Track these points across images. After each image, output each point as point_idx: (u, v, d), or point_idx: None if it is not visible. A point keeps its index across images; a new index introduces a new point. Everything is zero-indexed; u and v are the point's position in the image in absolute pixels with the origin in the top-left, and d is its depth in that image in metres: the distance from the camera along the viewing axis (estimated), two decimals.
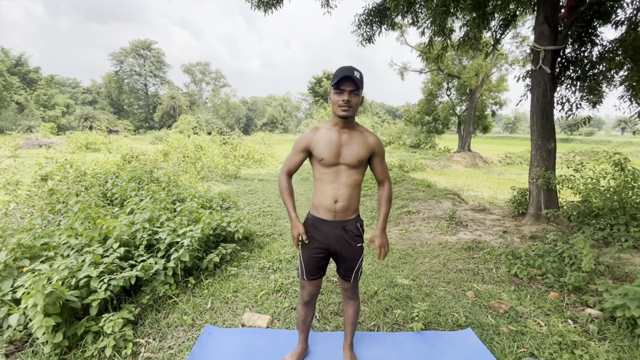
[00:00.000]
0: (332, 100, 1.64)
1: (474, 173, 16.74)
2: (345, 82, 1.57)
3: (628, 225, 3.91)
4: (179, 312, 2.55)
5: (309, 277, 1.86)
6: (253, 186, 8.67)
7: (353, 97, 1.59)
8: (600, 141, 55.00)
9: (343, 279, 1.90)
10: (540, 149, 5.05)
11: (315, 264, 1.82)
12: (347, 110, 1.60)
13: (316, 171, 1.77)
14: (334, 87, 1.61)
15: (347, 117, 1.64)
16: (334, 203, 1.72)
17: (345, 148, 1.68)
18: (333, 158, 1.68)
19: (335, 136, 1.69)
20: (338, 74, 1.57)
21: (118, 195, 4.73)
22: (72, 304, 2.08)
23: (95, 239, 2.78)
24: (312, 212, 1.82)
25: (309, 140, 1.73)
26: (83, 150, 16.89)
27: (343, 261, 1.83)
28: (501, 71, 23.08)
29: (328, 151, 1.67)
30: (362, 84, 1.62)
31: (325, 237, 1.76)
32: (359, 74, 1.58)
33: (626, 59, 4.98)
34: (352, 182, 1.72)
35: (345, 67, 1.58)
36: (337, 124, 1.70)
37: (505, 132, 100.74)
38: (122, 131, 41.37)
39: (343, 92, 1.58)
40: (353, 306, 1.97)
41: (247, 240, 4.18)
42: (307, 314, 1.99)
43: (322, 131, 1.73)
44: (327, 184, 1.72)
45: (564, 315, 2.62)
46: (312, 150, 1.72)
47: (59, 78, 53.91)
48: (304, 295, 1.93)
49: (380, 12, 6.34)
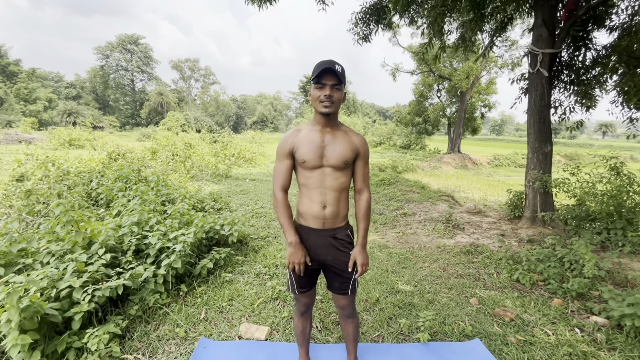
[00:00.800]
0: (313, 96, 1.50)
1: (464, 174, 16.91)
2: (326, 75, 1.44)
3: (625, 230, 3.92)
4: (170, 324, 2.38)
5: (300, 290, 1.72)
6: (245, 186, 8.46)
7: (335, 92, 1.46)
8: (582, 144, 56.67)
9: (339, 293, 1.69)
10: (537, 152, 5.05)
11: (305, 277, 1.67)
12: (329, 106, 1.47)
13: (300, 175, 1.61)
14: (314, 82, 1.47)
15: (329, 114, 1.50)
16: (322, 209, 1.57)
17: (328, 149, 1.54)
18: (316, 160, 1.53)
19: (318, 136, 1.55)
20: (318, 67, 1.44)
21: (104, 195, 4.49)
22: (51, 317, 1.89)
23: (79, 244, 2.57)
24: (299, 221, 1.66)
25: (291, 143, 1.57)
26: (66, 146, 16.27)
27: (336, 273, 1.66)
28: (490, 74, 23.44)
29: (311, 153, 1.52)
30: (345, 78, 1.48)
31: (315, 247, 1.61)
32: (340, 68, 1.44)
33: (620, 64, 5.02)
34: (338, 185, 1.58)
35: (325, 61, 1.44)
36: (319, 123, 1.56)
37: (492, 134, 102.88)
38: (107, 127, 40.29)
39: (324, 87, 1.45)
40: (352, 324, 1.81)
41: (241, 243, 4.02)
42: (305, 325, 1.87)
43: (304, 132, 1.58)
44: (313, 189, 1.57)
45: (570, 323, 2.56)
46: (295, 152, 1.56)
47: (41, 71, 52.06)
48: (299, 306, 1.81)
49: (377, 11, 6.24)
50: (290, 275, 1.71)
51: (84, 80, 56.23)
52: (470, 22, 6.07)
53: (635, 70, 4.86)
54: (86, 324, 2.11)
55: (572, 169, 4.83)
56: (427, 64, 21.88)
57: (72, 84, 55.60)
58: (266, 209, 6.09)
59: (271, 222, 5.28)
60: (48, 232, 2.78)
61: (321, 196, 1.57)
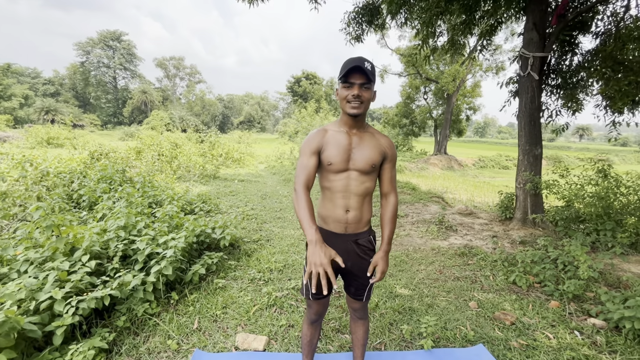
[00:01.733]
0: (340, 96, 1.42)
1: (451, 176, 17.18)
2: (354, 73, 1.34)
3: (614, 231, 4.00)
4: (161, 335, 2.23)
5: (315, 297, 1.62)
6: (234, 187, 8.27)
7: (364, 92, 1.37)
8: (561, 147, 58.75)
9: (354, 298, 1.67)
10: (527, 154, 5.11)
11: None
12: (357, 107, 1.38)
13: (323, 178, 1.54)
14: (341, 81, 1.38)
15: (358, 115, 1.41)
16: (345, 213, 1.51)
17: (355, 152, 1.46)
18: (343, 163, 1.46)
19: (345, 138, 1.47)
20: (346, 65, 1.34)
21: (86, 197, 4.26)
22: (30, 333, 1.73)
23: (60, 251, 2.39)
24: (320, 224, 1.59)
25: (319, 141, 1.48)
26: (44, 145, 15.58)
27: (354, 279, 1.61)
28: (475, 78, 23.96)
29: (338, 155, 1.45)
30: (375, 77, 1.38)
31: (336, 251, 1.54)
32: (370, 65, 1.34)
33: (606, 69, 5.15)
34: (363, 190, 1.51)
35: (354, 58, 1.35)
36: (346, 124, 1.48)
37: (476, 136, 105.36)
38: (88, 126, 38.97)
39: (352, 86, 1.36)
40: (363, 326, 1.76)
41: (233, 247, 3.88)
42: (314, 334, 1.79)
43: (331, 133, 1.49)
44: (337, 193, 1.50)
45: (569, 326, 2.56)
46: (322, 152, 1.48)
47: (17, 67, 49.81)
48: (310, 314, 1.72)
49: (370, 12, 6.21)
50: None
51: (63, 77, 54.22)
52: (461, 24, 6.12)
53: (619, 76, 5.00)
54: (69, 338, 1.94)
55: (561, 171, 4.91)
56: (414, 67, 22.15)
57: (51, 80, 53.48)
58: (257, 210, 5.95)
59: (263, 224, 5.15)
60: (26, 238, 2.58)
61: (344, 200, 1.50)
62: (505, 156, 27.24)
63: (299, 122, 21.47)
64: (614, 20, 5.28)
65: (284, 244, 4.20)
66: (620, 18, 5.14)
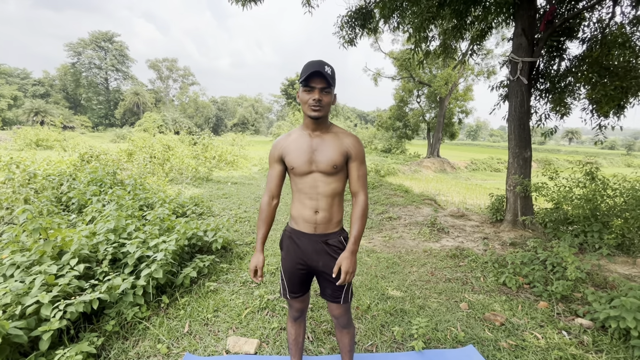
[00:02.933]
0: (301, 99, 1.44)
1: (443, 178, 17.33)
2: (314, 78, 1.38)
3: (601, 233, 4.08)
4: (151, 339, 2.21)
5: (292, 295, 1.66)
6: (227, 189, 8.23)
7: (324, 96, 1.41)
8: (551, 150, 59.77)
9: (332, 301, 1.60)
10: (517, 157, 5.20)
11: (297, 281, 1.63)
12: (318, 110, 1.41)
13: (292, 181, 1.58)
14: (302, 85, 1.41)
15: (319, 118, 1.44)
16: (314, 214, 1.52)
17: (317, 153, 1.48)
18: (305, 165, 1.48)
19: (307, 141, 1.50)
20: (306, 69, 1.37)
21: (75, 200, 4.20)
22: (15, 338, 1.69)
23: (48, 254, 2.35)
24: (291, 224, 1.62)
25: (280, 148, 1.54)
26: (33, 147, 15.31)
27: (329, 279, 1.58)
28: (467, 81, 24.27)
29: (299, 158, 1.48)
30: (334, 81, 1.43)
31: (305, 252, 1.56)
32: (330, 69, 1.39)
33: (593, 74, 5.27)
34: (330, 191, 1.51)
35: (314, 62, 1.39)
36: (308, 127, 1.51)
37: (468, 139, 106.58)
38: (78, 128, 38.46)
39: (313, 90, 1.39)
40: (348, 334, 1.73)
41: (225, 250, 3.86)
42: (298, 332, 1.80)
43: (293, 137, 1.54)
44: (305, 194, 1.52)
45: (557, 326, 2.60)
46: (284, 158, 1.53)
47: (5, 67, 48.97)
48: (292, 312, 1.75)
49: (363, 15, 6.26)
50: (282, 280, 1.68)
51: (53, 78, 53.42)
52: (452, 29, 6.21)
53: (606, 80, 5.12)
54: (56, 343, 1.91)
55: (550, 174, 5.00)
56: (407, 70, 22.37)
57: (40, 81, 52.62)
58: (250, 213, 5.92)
59: (255, 227, 5.13)
60: (12, 241, 2.53)
61: (313, 201, 1.52)
62: (497, 159, 27.58)
63: (293, 125, 21.47)
64: (599, 26, 5.42)
65: (276, 247, 4.19)
66: (606, 25, 5.28)
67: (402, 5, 5.85)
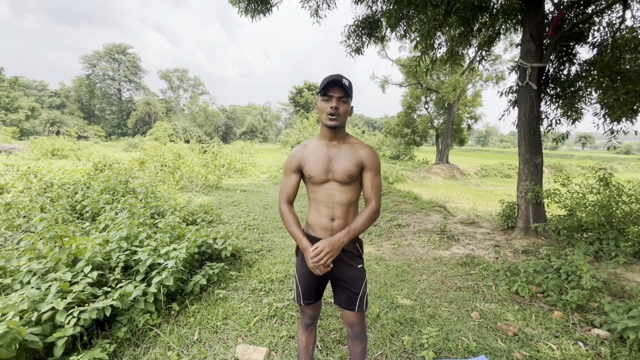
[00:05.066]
0: (320, 109, 1.51)
1: (453, 185, 17.13)
2: (333, 87, 1.46)
3: (617, 240, 3.97)
4: (161, 346, 2.23)
5: (306, 302, 1.68)
6: (236, 197, 8.31)
7: (341, 105, 1.48)
8: (563, 155, 58.59)
9: (347, 308, 1.61)
10: (528, 163, 5.12)
11: (312, 287, 1.66)
12: (335, 119, 1.47)
13: (308, 189, 1.63)
14: (321, 94, 1.49)
15: (336, 127, 1.50)
16: (330, 221, 1.56)
17: (334, 163, 1.53)
18: (322, 175, 1.53)
19: (324, 151, 1.55)
20: (325, 80, 1.47)
21: (89, 208, 4.30)
22: (31, 344, 1.73)
23: (63, 262, 2.41)
24: (307, 231, 1.65)
25: (298, 158, 1.59)
26: (49, 156, 15.76)
27: (344, 286, 1.61)
28: (476, 87, 24.12)
29: (316, 168, 1.53)
30: (352, 92, 1.50)
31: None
32: (347, 82, 1.47)
33: (604, 79, 5.20)
34: (346, 200, 1.55)
35: (333, 74, 1.48)
36: (325, 137, 1.57)
37: (478, 145, 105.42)
38: (92, 137, 39.42)
39: (331, 99, 1.47)
40: (360, 345, 1.73)
41: (234, 257, 3.88)
42: (309, 339, 1.80)
43: (311, 147, 1.60)
44: (321, 203, 1.57)
45: (572, 336, 2.53)
46: (302, 168, 1.58)
47: (24, 80, 50.80)
48: (304, 319, 1.76)
49: (370, 24, 6.33)
50: (297, 287, 1.70)
51: (68, 89, 55.20)
52: (459, 36, 6.22)
53: (618, 85, 5.04)
54: (70, 349, 1.95)
55: (563, 180, 4.90)
56: (415, 77, 22.37)
57: (57, 92, 54.44)
58: (258, 220, 5.96)
59: (264, 234, 5.16)
60: (29, 249, 2.61)
61: (329, 209, 1.56)
62: (508, 165, 27.16)
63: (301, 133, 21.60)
64: (610, 30, 5.36)
65: (285, 254, 4.20)
66: (617, 29, 5.22)
67: (408, 14, 5.90)
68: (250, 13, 6.17)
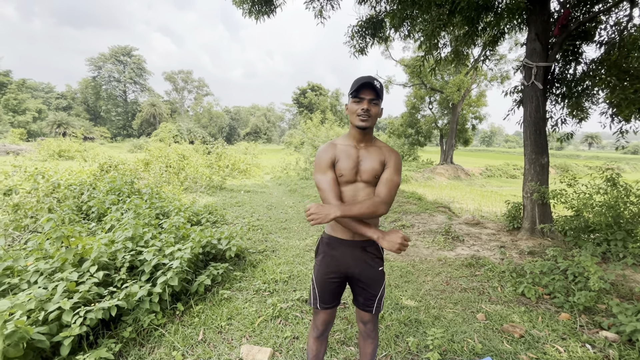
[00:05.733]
0: (350, 110, 1.52)
1: (457, 185, 17.03)
2: (364, 89, 1.46)
3: (625, 241, 3.92)
4: (166, 346, 2.24)
5: (323, 306, 1.65)
6: (240, 198, 8.33)
7: (373, 107, 1.48)
8: (569, 155, 57.96)
9: (363, 309, 1.65)
10: (533, 163, 5.08)
11: (330, 290, 1.63)
12: (366, 120, 1.48)
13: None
14: (352, 96, 1.49)
15: (366, 128, 1.51)
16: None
17: (362, 164, 1.55)
18: (352, 175, 1.54)
19: (353, 151, 1.56)
20: (358, 81, 1.47)
21: (95, 208, 4.33)
22: (38, 343, 1.75)
23: (69, 262, 2.44)
24: (328, 231, 1.65)
25: (332, 154, 1.56)
26: (55, 158, 15.94)
27: (363, 287, 1.62)
28: (480, 87, 23.97)
29: (347, 168, 1.53)
30: (383, 94, 1.51)
31: (343, 258, 1.59)
32: (379, 84, 1.48)
33: (611, 77, 5.14)
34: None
35: (364, 76, 1.49)
36: (354, 138, 1.57)
37: (482, 145, 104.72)
38: (98, 138, 39.81)
39: (362, 101, 1.47)
40: (372, 344, 1.74)
41: (238, 258, 3.89)
42: (320, 349, 1.78)
43: (340, 146, 1.58)
44: (345, 202, 1.55)
45: (580, 339, 2.49)
46: (336, 164, 1.56)
47: (31, 82, 51.47)
48: (317, 325, 1.71)
49: (373, 25, 6.32)
50: (313, 289, 1.67)
51: (75, 91, 55.79)
52: (464, 36, 6.19)
53: (626, 84, 4.97)
54: (76, 348, 1.97)
55: (569, 180, 4.85)
56: (419, 77, 22.29)
57: (63, 94, 55.07)
58: (262, 221, 5.97)
59: (268, 235, 5.16)
60: (36, 249, 2.64)
61: None
62: (513, 165, 26.94)
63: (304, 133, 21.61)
64: (617, 29, 5.29)
65: (289, 255, 4.20)
66: (624, 27, 5.15)
67: (412, 14, 5.88)
68: (254, 14, 6.19)
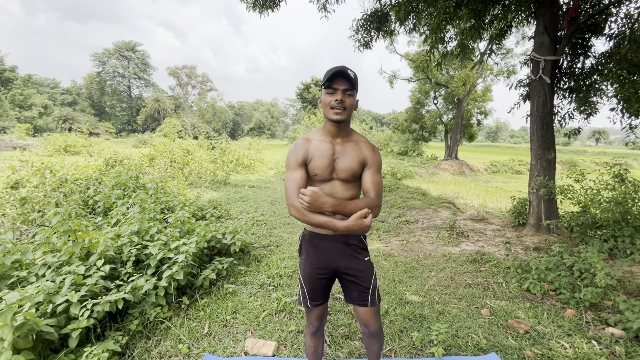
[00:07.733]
0: (323, 102, 1.43)
1: (462, 181, 16.93)
2: (337, 79, 1.37)
3: (633, 238, 3.87)
4: (172, 339, 2.26)
5: (312, 303, 1.61)
6: (244, 193, 8.35)
7: (347, 98, 1.39)
8: (576, 151, 57.32)
9: (359, 304, 1.56)
10: (540, 158, 5.02)
11: (319, 287, 1.59)
12: (340, 113, 1.39)
13: (310, 186, 1.53)
14: (324, 87, 1.40)
15: (341, 122, 1.42)
16: (333, 217, 1.45)
17: (338, 161, 1.46)
18: (327, 173, 1.46)
19: (328, 148, 1.47)
20: (329, 71, 1.38)
21: (101, 203, 4.37)
22: (47, 335, 1.78)
23: (76, 255, 2.46)
24: (309, 228, 1.58)
25: (305, 152, 1.47)
26: (61, 153, 16.08)
27: (353, 281, 1.56)
28: (486, 82, 23.68)
29: (322, 166, 1.45)
30: (357, 84, 1.42)
31: (326, 254, 1.54)
32: (352, 73, 1.38)
33: (621, 71, 5.04)
34: (348, 197, 1.49)
35: (337, 66, 1.39)
36: (329, 133, 1.49)
37: (488, 140, 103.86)
38: (103, 134, 40.07)
39: (336, 92, 1.38)
40: (377, 342, 1.69)
41: (243, 252, 3.91)
42: (317, 344, 1.76)
43: (315, 142, 1.49)
44: None
45: (586, 335, 2.48)
46: (308, 163, 1.47)
47: (37, 78, 51.79)
48: (312, 322, 1.68)
49: (378, 19, 6.25)
50: (301, 288, 1.62)
51: (80, 87, 56.10)
52: (470, 29, 6.10)
53: (636, 78, 4.88)
54: (84, 341, 1.99)
55: (576, 176, 4.79)
56: (424, 72, 22.08)
57: (68, 90, 55.42)
58: (267, 216, 5.98)
59: (272, 230, 5.18)
60: (44, 243, 2.67)
61: None
62: (519, 161, 26.69)
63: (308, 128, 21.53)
64: (628, 22, 5.18)
65: (293, 250, 4.21)
66: (635, 20, 5.04)
67: (417, 7, 5.80)
68: (258, 8, 6.15)
